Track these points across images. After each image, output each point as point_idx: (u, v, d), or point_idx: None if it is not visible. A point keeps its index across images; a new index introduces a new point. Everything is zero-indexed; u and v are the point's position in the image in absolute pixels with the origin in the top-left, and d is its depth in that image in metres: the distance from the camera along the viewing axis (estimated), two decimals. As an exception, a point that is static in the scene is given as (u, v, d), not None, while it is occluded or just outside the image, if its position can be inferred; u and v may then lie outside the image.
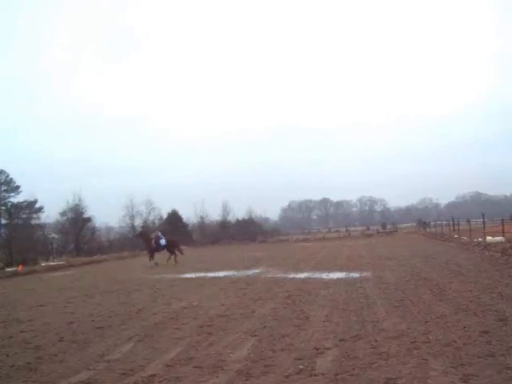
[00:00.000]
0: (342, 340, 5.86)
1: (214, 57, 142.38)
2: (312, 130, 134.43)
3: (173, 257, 23.14)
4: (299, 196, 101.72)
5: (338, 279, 11.91)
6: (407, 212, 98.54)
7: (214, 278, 14.98)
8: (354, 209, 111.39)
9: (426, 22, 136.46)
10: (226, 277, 14.96)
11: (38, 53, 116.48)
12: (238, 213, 59.38)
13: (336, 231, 62.73)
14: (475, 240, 20.19)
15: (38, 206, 46.69)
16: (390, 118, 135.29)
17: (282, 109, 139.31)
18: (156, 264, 21.90)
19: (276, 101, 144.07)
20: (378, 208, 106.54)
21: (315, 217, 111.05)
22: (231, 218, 58.71)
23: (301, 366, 4.95)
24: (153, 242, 23.07)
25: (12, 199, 45.84)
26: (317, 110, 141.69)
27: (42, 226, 45.58)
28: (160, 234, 24.50)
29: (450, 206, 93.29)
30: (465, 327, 6.02)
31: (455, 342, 5.39)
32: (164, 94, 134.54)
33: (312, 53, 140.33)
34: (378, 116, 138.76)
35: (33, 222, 46.08)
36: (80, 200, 45.75)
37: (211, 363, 5.35)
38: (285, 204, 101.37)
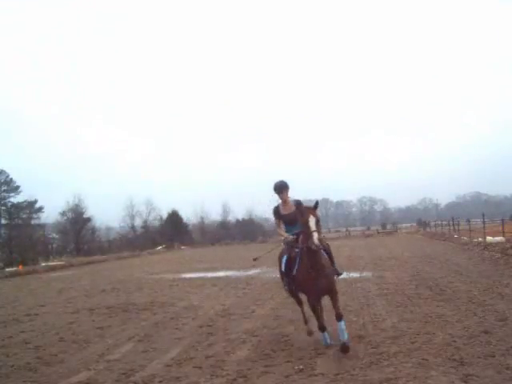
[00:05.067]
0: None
1: (212, 57, 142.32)
2: (312, 132, 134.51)
3: None
4: (299, 196, 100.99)
5: (338, 279, 11.86)
6: (407, 212, 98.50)
7: (214, 278, 14.98)
8: (354, 209, 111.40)
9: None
10: (225, 277, 14.96)
11: (40, 53, 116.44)
12: (238, 213, 59.44)
13: (336, 231, 62.78)
14: (475, 240, 20.14)
15: (37, 206, 46.85)
16: (391, 118, 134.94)
17: (280, 112, 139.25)
18: None
19: (274, 104, 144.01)
20: (378, 208, 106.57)
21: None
22: (231, 218, 58.78)
23: (301, 366, 4.95)
24: None
25: (12, 199, 46.00)
26: (316, 112, 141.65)
27: (41, 226, 45.62)
28: None
29: (450, 206, 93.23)
30: (465, 327, 6.02)
31: (455, 341, 5.39)
32: (164, 95, 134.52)
33: (309, 54, 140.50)
34: (377, 116, 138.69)
35: (33, 222, 46.13)
36: (80, 200, 45.86)
37: (211, 363, 5.35)
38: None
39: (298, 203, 5.55)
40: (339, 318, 5.31)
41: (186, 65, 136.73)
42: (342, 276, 6.12)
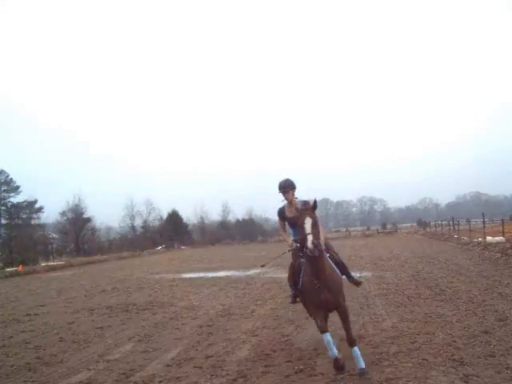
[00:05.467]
0: (342, 340, 5.85)
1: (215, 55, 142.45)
2: (312, 132, 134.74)
3: None
4: (299, 196, 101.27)
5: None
6: (407, 212, 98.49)
7: (214, 277, 14.98)
8: (354, 209, 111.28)
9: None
10: (226, 277, 14.96)
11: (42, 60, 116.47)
12: (238, 213, 59.42)
13: (336, 231, 62.77)
14: (475, 240, 20.15)
15: (37, 205, 46.86)
16: (390, 118, 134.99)
17: (280, 112, 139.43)
18: None
19: (274, 104, 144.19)
20: (378, 208, 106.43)
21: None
22: (231, 218, 58.76)
23: (301, 366, 4.95)
24: None
25: (12, 199, 46.00)
26: (316, 112, 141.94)
27: (41, 226, 45.61)
28: None
29: (450, 206, 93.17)
30: (465, 327, 6.03)
31: (455, 341, 5.39)
32: (164, 96, 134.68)
33: (309, 55, 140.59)
34: (377, 116, 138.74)
35: (33, 222, 46.13)
36: (80, 200, 45.82)
37: (211, 363, 5.36)
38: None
39: (306, 204, 5.02)
40: (352, 343, 4.65)
41: (187, 65, 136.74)
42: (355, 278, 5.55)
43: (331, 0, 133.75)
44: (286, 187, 5.30)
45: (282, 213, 5.49)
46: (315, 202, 4.88)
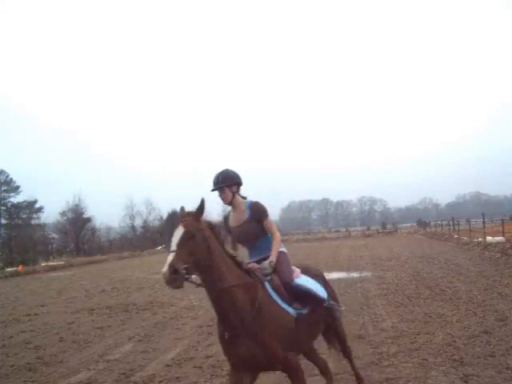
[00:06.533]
0: (342, 340, 5.85)
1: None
2: (312, 132, 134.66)
3: None
4: (299, 196, 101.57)
5: (338, 279, 11.84)
6: (407, 212, 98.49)
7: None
8: (354, 209, 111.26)
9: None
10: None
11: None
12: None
13: (336, 231, 62.74)
14: (475, 240, 20.14)
15: (37, 205, 46.87)
16: (390, 118, 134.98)
17: (280, 112, 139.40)
18: None
19: (274, 104, 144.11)
20: (378, 208, 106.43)
21: (315, 217, 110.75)
22: (231, 218, 58.64)
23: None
24: None
25: (12, 199, 46.01)
26: (316, 112, 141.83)
27: (41, 226, 45.60)
28: None
29: (450, 205, 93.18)
30: (465, 327, 6.03)
31: (455, 341, 5.39)
32: (164, 96, 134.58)
33: (309, 55, 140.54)
34: (377, 117, 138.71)
35: (33, 222, 46.12)
36: (80, 200, 45.76)
37: (211, 363, 5.35)
38: (285, 204, 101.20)
39: (254, 206, 3.38)
40: None
41: (187, 66, 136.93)
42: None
43: (332, 0, 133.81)
44: (221, 183, 3.40)
45: (225, 222, 3.55)
46: (202, 202, 3.02)
